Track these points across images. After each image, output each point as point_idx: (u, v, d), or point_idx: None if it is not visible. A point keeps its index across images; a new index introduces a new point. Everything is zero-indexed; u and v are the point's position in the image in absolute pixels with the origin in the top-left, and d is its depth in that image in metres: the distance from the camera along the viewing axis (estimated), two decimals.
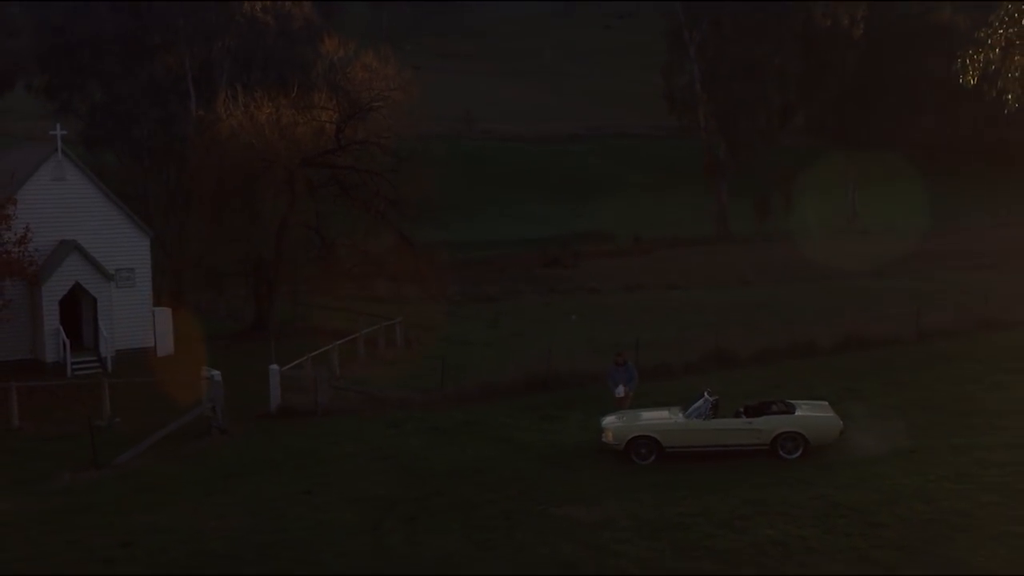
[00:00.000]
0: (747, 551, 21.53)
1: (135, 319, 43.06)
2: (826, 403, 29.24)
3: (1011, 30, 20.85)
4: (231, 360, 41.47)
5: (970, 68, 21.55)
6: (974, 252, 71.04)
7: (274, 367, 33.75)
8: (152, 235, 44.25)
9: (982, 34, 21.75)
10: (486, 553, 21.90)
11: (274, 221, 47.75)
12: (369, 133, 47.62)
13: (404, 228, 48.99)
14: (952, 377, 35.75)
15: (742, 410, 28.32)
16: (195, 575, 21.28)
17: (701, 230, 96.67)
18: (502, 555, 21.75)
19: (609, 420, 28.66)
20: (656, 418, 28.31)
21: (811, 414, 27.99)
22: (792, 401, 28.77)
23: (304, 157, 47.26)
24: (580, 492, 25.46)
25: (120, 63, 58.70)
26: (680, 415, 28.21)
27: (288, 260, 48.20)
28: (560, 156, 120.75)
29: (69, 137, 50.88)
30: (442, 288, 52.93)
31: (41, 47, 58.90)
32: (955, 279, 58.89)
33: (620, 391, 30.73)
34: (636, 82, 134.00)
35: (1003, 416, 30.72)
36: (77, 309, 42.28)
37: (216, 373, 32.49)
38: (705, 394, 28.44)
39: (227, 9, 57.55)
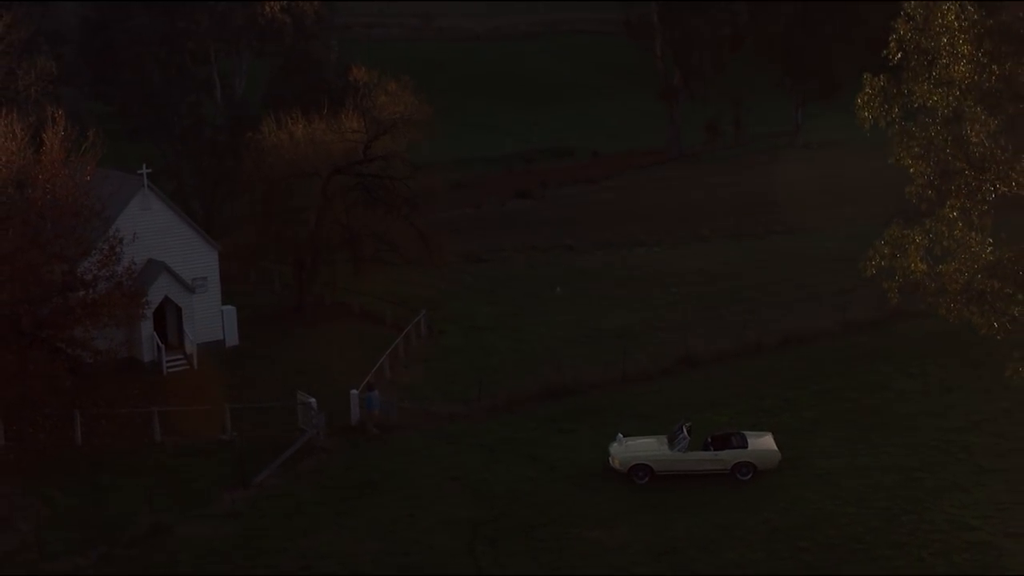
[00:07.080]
0: (719, 573, 35.47)
1: (208, 318, 55.58)
2: (770, 435, 43.10)
3: (895, 249, 33.92)
4: (292, 353, 54.62)
5: (870, 265, 34.70)
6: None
7: (354, 392, 46.78)
8: (219, 248, 56.38)
9: (876, 244, 34.75)
10: (553, 574, 35.64)
11: (311, 219, 59.95)
12: (390, 147, 59.75)
13: (418, 222, 61.57)
14: (866, 384, 49.49)
15: (710, 441, 42.13)
16: None
17: (654, 140, 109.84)
18: None
19: (615, 448, 42.33)
20: (649, 449, 42.01)
21: (759, 448, 41.85)
22: (745, 434, 42.56)
23: (336, 167, 59.38)
24: (600, 514, 39.19)
25: (153, 56, 69.29)
26: (666, 446, 41.95)
27: (322, 251, 60.63)
28: (515, 57, 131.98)
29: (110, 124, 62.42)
30: (443, 260, 65.63)
31: (85, 47, 69.28)
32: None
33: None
34: None
35: (898, 432, 44.76)
36: (162, 313, 54.57)
37: (312, 400, 45.58)
38: (684, 429, 42.08)
39: (249, 8, 68.52)
